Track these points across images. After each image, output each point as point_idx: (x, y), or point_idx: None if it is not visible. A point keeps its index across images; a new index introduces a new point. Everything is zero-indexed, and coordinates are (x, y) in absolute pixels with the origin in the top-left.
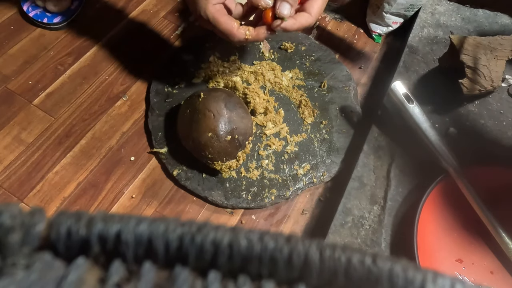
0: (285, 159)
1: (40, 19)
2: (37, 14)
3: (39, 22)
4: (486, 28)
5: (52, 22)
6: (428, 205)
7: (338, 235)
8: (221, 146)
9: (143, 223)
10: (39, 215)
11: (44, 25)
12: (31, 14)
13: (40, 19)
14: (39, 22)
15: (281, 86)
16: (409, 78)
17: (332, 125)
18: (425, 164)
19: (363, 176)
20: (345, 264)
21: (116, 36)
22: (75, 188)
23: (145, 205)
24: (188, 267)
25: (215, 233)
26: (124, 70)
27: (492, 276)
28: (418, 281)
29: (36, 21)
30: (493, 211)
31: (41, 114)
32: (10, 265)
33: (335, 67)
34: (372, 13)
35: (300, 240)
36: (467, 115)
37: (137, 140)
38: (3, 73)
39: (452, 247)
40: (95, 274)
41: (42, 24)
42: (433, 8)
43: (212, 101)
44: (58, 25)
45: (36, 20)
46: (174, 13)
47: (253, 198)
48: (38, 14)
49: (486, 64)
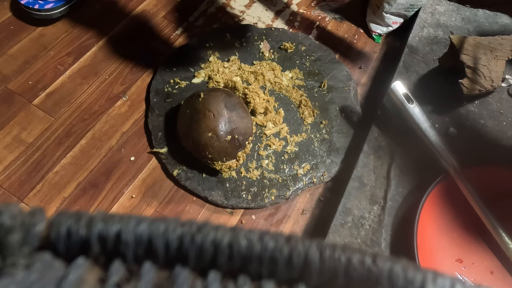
0: (285, 159)
1: (31, 6)
2: (28, 1)
3: (30, 9)
4: (486, 28)
5: (44, 8)
6: (428, 205)
7: (338, 235)
8: (221, 146)
9: (143, 223)
10: (39, 215)
11: (36, 12)
12: (23, 2)
13: (31, 5)
14: (30, 8)
15: (281, 86)
16: (409, 78)
17: (332, 125)
18: (425, 164)
19: (363, 176)
20: (345, 264)
21: (116, 36)
22: (75, 188)
23: (145, 205)
24: (188, 267)
25: (215, 233)
26: (124, 70)
27: (492, 276)
28: (418, 281)
29: (27, 7)
30: (493, 211)
31: (41, 114)
32: (10, 265)
33: (335, 67)
34: (372, 13)
35: (300, 240)
36: (467, 115)
37: (137, 140)
38: (3, 73)
39: (452, 247)
40: (95, 274)
41: (33, 11)
42: (433, 8)
43: (212, 101)
44: (50, 12)
45: (27, 7)
46: (174, 13)
47: (253, 198)
48: (30, 1)
49: (486, 64)
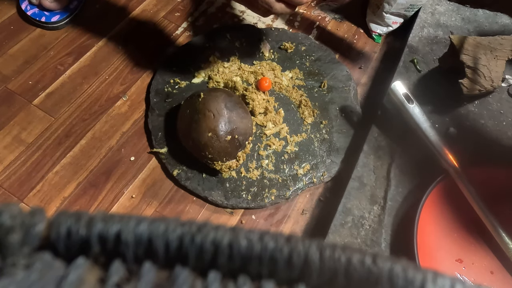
0: (285, 159)
1: (38, 18)
2: (35, 12)
3: (37, 21)
4: (486, 28)
5: (50, 21)
6: (428, 205)
7: (338, 235)
8: (221, 146)
9: (143, 223)
10: (39, 215)
11: (42, 24)
12: (29, 13)
13: (38, 18)
14: (37, 20)
15: (281, 86)
16: (409, 78)
17: (332, 125)
18: (425, 164)
19: (363, 176)
20: (345, 264)
21: (116, 36)
22: (75, 188)
23: (145, 205)
24: (188, 267)
25: (215, 233)
26: (124, 70)
27: (492, 276)
28: (418, 281)
29: (34, 19)
30: (493, 211)
31: (41, 114)
32: (10, 265)
33: (335, 67)
34: (372, 13)
35: (300, 240)
36: (467, 115)
37: (137, 140)
38: (3, 73)
39: (452, 247)
40: (95, 274)
41: (40, 23)
42: (433, 8)
43: (212, 101)
44: (57, 24)
45: (34, 19)
46: (174, 13)
47: (253, 198)
48: (36, 12)
49: (486, 64)
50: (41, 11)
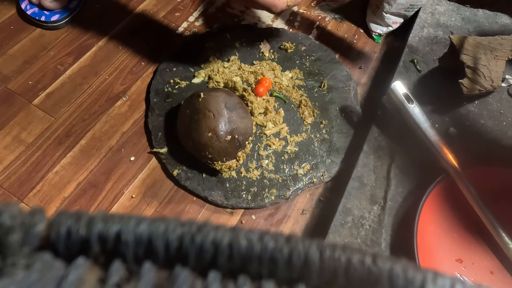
0: (285, 159)
1: (38, 17)
2: (34, 12)
3: (37, 20)
4: (486, 28)
5: (50, 20)
6: (428, 205)
7: (338, 235)
8: (221, 146)
9: (143, 223)
10: (39, 215)
11: (42, 24)
12: (29, 12)
13: (38, 17)
14: (36, 20)
15: (281, 86)
16: (409, 78)
17: (332, 125)
18: (425, 164)
19: (363, 176)
20: (345, 264)
21: (116, 36)
22: (75, 188)
23: (145, 205)
24: (188, 267)
25: (215, 233)
26: (124, 70)
27: (492, 276)
28: (418, 281)
29: (34, 19)
30: (493, 211)
31: (41, 114)
32: (10, 265)
33: (335, 67)
34: (372, 13)
35: (300, 240)
36: (467, 115)
37: (137, 140)
38: (3, 73)
39: (452, 247)
40: (95, 274)
41: (40, 22)
42: (433, 8)
43: (212, 101)
44: (56, 23)
45: (34, 18)
46: (174, 13)
47: (253, 198)
48: (36, 12)
49: (486, 64)
50: (40, 11)
